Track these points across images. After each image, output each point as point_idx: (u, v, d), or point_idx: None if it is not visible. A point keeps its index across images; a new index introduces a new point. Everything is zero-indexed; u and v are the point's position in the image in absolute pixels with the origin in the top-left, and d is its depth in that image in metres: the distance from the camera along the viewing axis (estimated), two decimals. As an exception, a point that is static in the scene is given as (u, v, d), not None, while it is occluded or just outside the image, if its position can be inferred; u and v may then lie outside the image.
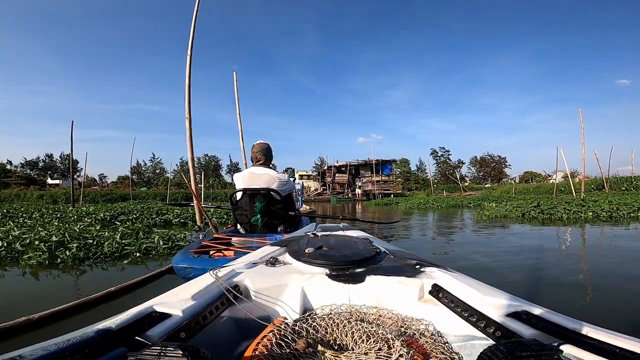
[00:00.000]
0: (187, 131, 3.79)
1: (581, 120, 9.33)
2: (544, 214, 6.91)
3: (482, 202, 13.29)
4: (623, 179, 20.19)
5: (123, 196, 22.85)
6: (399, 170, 50.58)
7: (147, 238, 3.71)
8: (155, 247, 3.45)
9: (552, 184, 21.48)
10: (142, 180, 54.60)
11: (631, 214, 6.62)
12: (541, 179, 46.93)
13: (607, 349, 0.51)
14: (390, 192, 30.58)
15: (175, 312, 0.66)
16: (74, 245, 3.36)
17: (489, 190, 30.15)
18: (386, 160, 33.86)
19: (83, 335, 0.53)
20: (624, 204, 7.42)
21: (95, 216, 6.92)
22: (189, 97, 3.83)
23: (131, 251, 3.33)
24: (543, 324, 0.61)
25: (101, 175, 60.72)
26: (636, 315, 1.88)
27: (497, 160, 59.32)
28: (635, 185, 18.05)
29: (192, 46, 4.00)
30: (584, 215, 6.63)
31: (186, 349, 0.47)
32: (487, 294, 0.75)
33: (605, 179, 16.58)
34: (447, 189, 30.35)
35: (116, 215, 7.15)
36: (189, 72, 3.90)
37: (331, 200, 26.16)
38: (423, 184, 49.06)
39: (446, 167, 57.48)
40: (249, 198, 2.45)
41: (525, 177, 51.15)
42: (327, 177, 33.38)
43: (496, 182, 51.21)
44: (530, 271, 2.80)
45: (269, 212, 2.43)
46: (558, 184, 20.07)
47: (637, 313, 1.91)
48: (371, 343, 0.62)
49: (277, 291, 0.89)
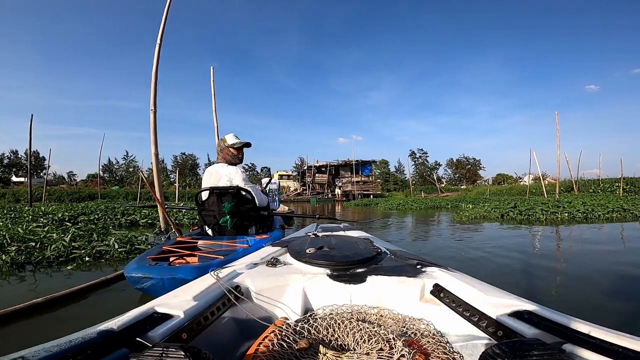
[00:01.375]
0: (151, 124, 3.47)
1: (557, 122, 9.58)
2: (522, 215, 6.97)
3: (459, 203, 13.43)
4: (591, 181, 21.23)
5: (92, 195, 21.66)
6: (378, 171, 51.07)
7: (103, 240, 3.31)
8: (110, 250, 3.07)
9: (524, 185, 22.29)
10: (114, 178, 52.38)
11: (606, 215, 6.77)
12: (512, 180, 48.84)
13: (609, 348, 0.50)
14: (370, 193, 30.65)
15: (177, 313, 0.66)
16: (13, 248, 2.93)
17: (464, 191, 30.88)
18: (366, 160, 33.96)
19: (85, 336, 0.52)
20: (599, 205, 7.59)
21: (53, 216, 6.33)
22: (155, 88, 3.51)
23: (80, 255, 2.93)
24: (545, 323, 0.60)
25: (70, 173, 57.86)
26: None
27: (472, 163, 61.15)
28: (602, 187, 18.98)
29: (163, 34, 3.67)
30: (561, 216, 6.72)
31: (188, 350, 0.46)
32: (489, 293, 0.74)
33: (575, 181, 17.26)
34: (424, 190, 30.82)
35: (76, 216, 6.57)
36: (157, 61, 3.58)
37: (311, 201, 25.92)
38: (402, 185, 49.79)
39: (424, 168, 58.65)
40: (216, 197, 2.23)
41: (498, 179, 52.98)
42: (307, 177, 33.04)
43: (471, 184, 52.75)
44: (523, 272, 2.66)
45: (238, 212, 2.21)
46: (530, 185, 20.77)
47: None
48: (372, 343, 0.62)
49: (278, 292, 0.88)
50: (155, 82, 3.54)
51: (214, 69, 5.41)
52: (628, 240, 4.17)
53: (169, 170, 56.65)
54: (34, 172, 50.32)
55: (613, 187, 18.51)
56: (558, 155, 9.96)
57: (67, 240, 3.18)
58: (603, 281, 2.39)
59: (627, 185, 16.56)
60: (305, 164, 36.95)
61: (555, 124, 9.53)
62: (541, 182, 16.63)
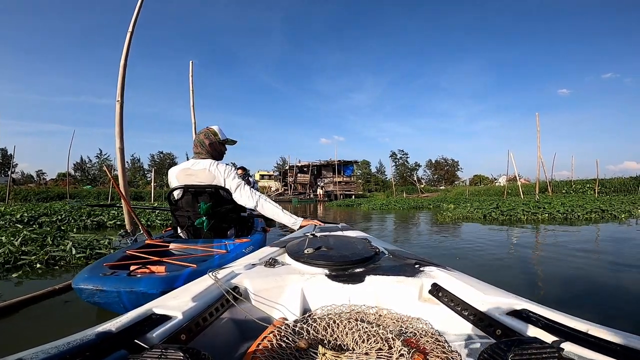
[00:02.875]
0: (116, 116, 3.16)
1: (537, 123, 9.82)
2: (503, 215, 7.01)
3: (440, 203, 13.57)
4: (563, 182, 22.06)
5: (61, 195, 20.53)
6: (360, 172, 51.35)
7: (59, 245, 2.95)
8: (65, 256, 2.73)
9: (499, 186, 22.88)
10: (86, 177, 50.11)
11: (585, 215, 6.89)
12: (488, 182, 50.39)
13: (608, 347, 0.50)
14: (352, 193, 30.67)
15: (175, 314, 0.65)
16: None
17: (444, 192, 31.49)
18: (348, 161, 33.94)
19: (83, 337, 0.52)
20: (577, 206, 7.73)
21: (10, 217, 5.79)
22: (123, 78, 3.22)
23: (31, 261, 2.59)
24: (543, 322, 0.60)
25: (39, 172, 54.95)
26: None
27: (450, 164, 62.66)
28: (574, 188, 19.75)
29: (135, 23, 3.37)
30: (541, 216, 6.80)
31: (187, 351, 0.45)
32: (487, 292, 0.74)
33: (549, 182, 17.85)
34: (405, 191, 31.18)
35: (37, 216, 6.04)
36: (127, 51, 3.29)
37: (292, 201, 25.61)
38: (383, 185, 50.29)
39: (404, 169, 59.54)
40: (191, 197, 1.97)
41: (475, 180, 54.55)
42: (289, 177, 32.68)
43: (449, 185, 53.99)
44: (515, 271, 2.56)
45: (216, 213, 1.97)
46: (506, 186, 21.36)
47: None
48: (371, 343, 0.63)
49: (277, 292, 0.88)
50: (124, 72, 3.27)
51: (195, 65, 5.11)
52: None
53: (146, 170, 54.84)
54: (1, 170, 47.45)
55: (585, 188, 19.30)
56: (538, 156, 10.18)
57: (16, 244, 2.81)
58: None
59: (598, 186, 17.26)
60: (287, 164, 36.59)
61: (536, 125, 9.77)
62: (517, 182, 17.08)
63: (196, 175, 1.97)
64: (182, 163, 2.09)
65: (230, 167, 2.03)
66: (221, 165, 2.00)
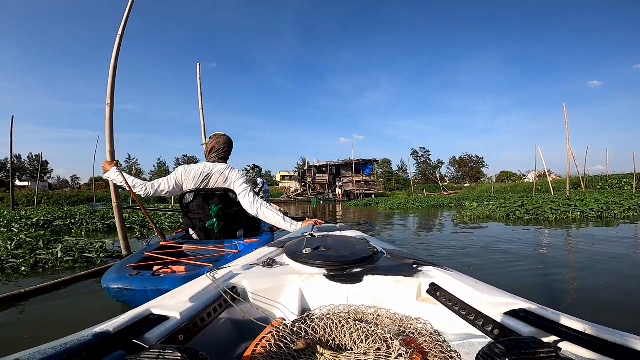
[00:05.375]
0: (106, 120, 3.22)
1: (565, 115, 9.01)
2: (529, 215, 6.48)
3: (462, 201, 12.97)
4: (598, 177, 20.59)
5: (90, 198, 21.59)
6: (380, 171, 50.58)
7: (50, 248, 2.96)
8: (51, 260, 2.74)
9: (528, 183, 21.66)
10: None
11: (623, 213, 6.23)
12: (516, 178, 48.16)
13: (605, 347, 0.50)
14: (372, 193, 30.18)
15: (173, 315, 0.65)
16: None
17: (468, 189, 30.33)
18: (367, 160, 33.42)
19: (80, 338, 0.52)
20: (613, 203, 7.06)
21: (26, 221, 5.98)
22: (112, 80, 3.22)
23: (17, 264, 2.61)
24: (541, 321, 0.60)
25: (73, 177, 58.18)
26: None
27: (475, 160, 60.53)
28: (610, 183, 18.37)
29: (125, 26, 3.38)
30: (572, 215, 6.23)
31: (185, 351, 0.45)
32: (485, 292, 0.74)
33: (582, 178, 16.67)
34: (427, 189, 30.33)
35: (52, 220, 6.20)
36: (117, 53, 3.28)
37: (311, 201, 25.50)
38: (404, 184, 49.22)
39: (426, 167, 58.06)
40: (202, 199, 2.12)
41: (502, 176, 52.32)
42: (308, 178, 32.60)
43: (474, 182, 52.06)
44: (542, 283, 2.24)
45: (226, 215, 2.13)
46: (535, 182, 20.15)
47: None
48: (370, 343, 0.63)
49: (275, 292, 0.88)
50: (114, 74, 3.25)
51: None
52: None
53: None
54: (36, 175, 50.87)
55: (621, 184, 17.90)
56: (568, 150, 9.40)
57: (9, 247, 2.83)
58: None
59: (635, 181, 15.95)
60: (306, 164, 36.50)
61: (564, 117, 8.97)
62: (547, 178, 15.98)
63: (213, 179, 2.14)
64: (198, 165, 2.20)
65: (242, 172, 2.20)
66: (234, 170, 2.19)
